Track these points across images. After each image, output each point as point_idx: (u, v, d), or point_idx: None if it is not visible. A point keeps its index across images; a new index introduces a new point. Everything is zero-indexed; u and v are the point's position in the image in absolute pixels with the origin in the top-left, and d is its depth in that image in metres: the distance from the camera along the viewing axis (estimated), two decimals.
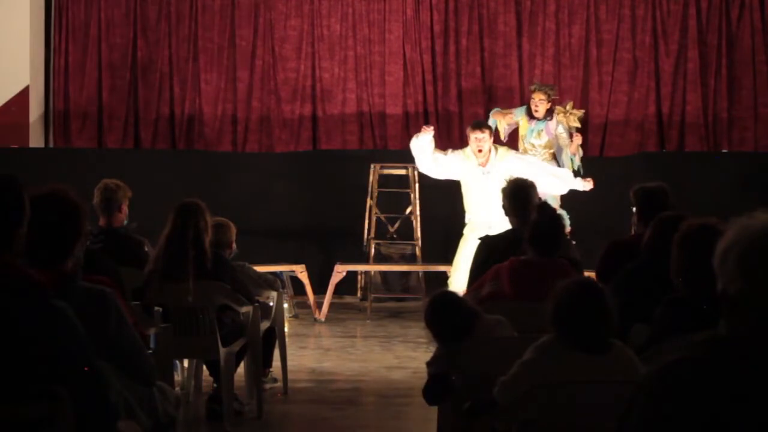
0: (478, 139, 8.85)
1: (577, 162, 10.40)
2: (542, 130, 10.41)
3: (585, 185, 9.13)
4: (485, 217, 8.56)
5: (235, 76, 12.86)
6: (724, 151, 12.59)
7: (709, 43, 12.72)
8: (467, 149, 8.99)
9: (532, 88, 10.69)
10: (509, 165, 8.75)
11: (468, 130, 9.12)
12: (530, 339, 3.73)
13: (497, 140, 10.42)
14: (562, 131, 10.39)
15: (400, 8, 12.83)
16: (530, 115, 10.50)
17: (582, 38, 12.80)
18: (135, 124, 12.90)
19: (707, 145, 12.67)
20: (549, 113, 10.44)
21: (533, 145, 10.44)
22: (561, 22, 12.81)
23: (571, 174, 9.23)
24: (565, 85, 12.77)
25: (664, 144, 12.78)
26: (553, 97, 10.54)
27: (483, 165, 8.86)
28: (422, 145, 9.09)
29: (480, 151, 8.83)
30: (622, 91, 12.77)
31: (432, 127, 9.26)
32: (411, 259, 11.27)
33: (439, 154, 9.08)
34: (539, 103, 10.43)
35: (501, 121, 10.51)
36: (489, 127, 9.17)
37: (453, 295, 4.69)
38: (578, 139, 10.44)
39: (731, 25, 12.73)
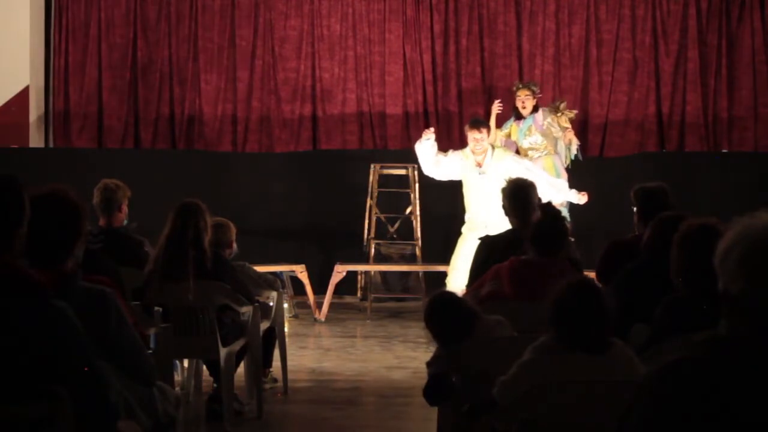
0: (476, 138, 8.89)
1: (574, 151, 10.41)
2: (531, 126, 10.47)
3: (580, 198, 9.11)
4: (484, 216, 8.58)
5: (235, 76, 12.86)
6: (724, 151, 12.59)
7: (709, 43, 12.73)
8: (466, 149, 9.03)
9: (515, 88, 10.80)
10: (506, 166, 8.77)
11: (466, 129, 9.15)
12: (530, 339, 3.73)
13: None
14: (550, 122, 10.47)
15: (400, 8, 12.83)
16: (517, 117, 10.57)
17: (582, 38, 12.80)
18: (135, 124, 12.90)
19: (707, 145, 12.67)
20: (534, 109, 10.55)
21: (531, 147, 10.45)
22: (561, 22, 12.81)
23: (566, 185, 9.22)
24: (565, 85, 12.77)
25: (664, 144, 12.78)
26: (537, 94, 10.67)
27: (479, 165, 8.89)
28: (425, 150, 9.15)
29: (480, 149, 8.86)
30: (622, 91, 12.77)
31: (432, 131, 9.28)
32: (411, 259, 11.27)
33: (441, 156, 9.13)
34: (525, 99, 10.55)
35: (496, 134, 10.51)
36: (487, 126, 9.20)
37: (452, 295, 4.69)
38: (570, 132, 10.47)
39: (731, 25, 12.73)
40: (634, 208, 5.77)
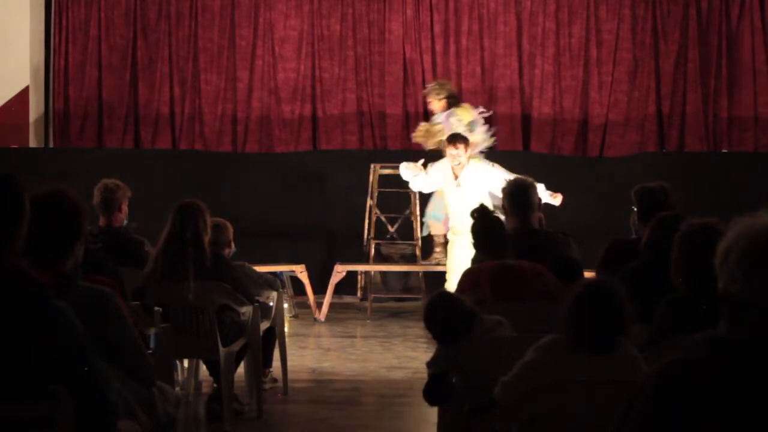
0: (452, 154, 9.11)
1: (481, 144, 10.19)
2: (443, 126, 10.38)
3: (554, 200, 9.18)
4: (466, 225, 8.72)
5: (235, 76, 12.86)
6: (724, 151, 12.59)
7: (709, 43, 12.72)
8: (443, 160, 9.28)
9: (424, 93, 10.80)
10: (481, 176, 9.00)
11: (444, 143, 9.39)
12: (530, 339, 3.72)
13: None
14: (453, 122, 10.25)
15: (400, 8, 12.83)
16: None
17: (582, 38, 12.80)
18: (135, 124, 12.90)
19: (707, 145, 12.67)
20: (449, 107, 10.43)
21: None
22: (561, 22, 12.81)
23: (542, 186, 9.26)
24: (565, 85, 12.78)
25: (664, 144, 12.78)
26: (444, 93, 10.46)
27: (455, 178, 9.13)
28: (409, 176, 9.57)
29: (458, 164, 9.10)
30: (622, 91, 12.77)
31: (420, 166, 9.56)
32: (411, 259, 11.26)
33: (423, 174, 9.48)
34: (429, 104, 10.65)
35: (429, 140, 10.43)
36: (464, 141, 9.28)
37: (451, 295, 4.69)
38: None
39: (731, 25, 12.73)
40: (634, 208, 5.77)
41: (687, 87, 12.72)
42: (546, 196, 9.10)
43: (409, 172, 9.62)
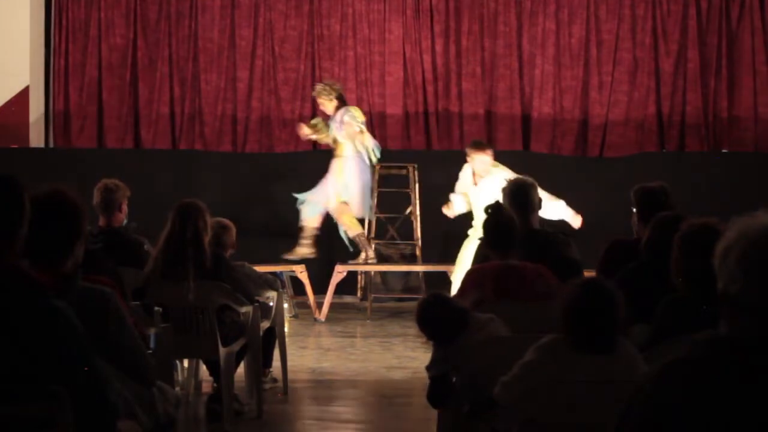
0: (483, 161, 9.27)
1: (371, 147, 10.54)
2: (337, 126, 10.54)
3: (574, 220, 9.22)
4: None
5: (235, 76, 12.85)
6: (724, 151, 12.59)
7: (709, 43, 12.73)
8: (466, 167, 9.42)
9: (313, 95, 10.97)
10: (499, 178, 9.06)
11: (470, 150, 9.45)
12: (530, 339, 3.72)
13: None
14: (348, 119, 10.42)
15: (400, 8, 12.83)
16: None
17: (582, 38, 12.80)
18: (135, 124, 12.90)
19: (707, 145, 12.67)
20: (341, 107, 10.55)
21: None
22: (561, 22, 12.81)
23: (563, 203, 9.29)
24: (565, 85, 12.77)
25: (664, 144, 12.78)
26: (335, 94, 10.59)
27: (475, 184, 9.27)
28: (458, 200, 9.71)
29: (485, 170, 9.27)
30: (622, 91, 12.77)
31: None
32: (411, 259, 11.26)
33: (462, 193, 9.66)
34: (320, 105, 10.75)
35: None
36: (490, 147, 9.50)
37: (441, 295, 4.69)
38: (362, 135, 10.52)
39: (731, 25, 12.74)
40: (634, 209, 5.77)
41: (687, 87, 12.72)
42: (568, 215, 9.17)
43: (458, 200, 9.77)
